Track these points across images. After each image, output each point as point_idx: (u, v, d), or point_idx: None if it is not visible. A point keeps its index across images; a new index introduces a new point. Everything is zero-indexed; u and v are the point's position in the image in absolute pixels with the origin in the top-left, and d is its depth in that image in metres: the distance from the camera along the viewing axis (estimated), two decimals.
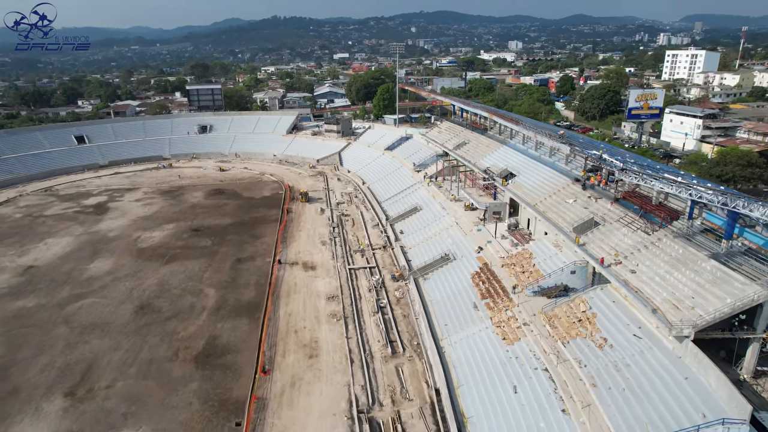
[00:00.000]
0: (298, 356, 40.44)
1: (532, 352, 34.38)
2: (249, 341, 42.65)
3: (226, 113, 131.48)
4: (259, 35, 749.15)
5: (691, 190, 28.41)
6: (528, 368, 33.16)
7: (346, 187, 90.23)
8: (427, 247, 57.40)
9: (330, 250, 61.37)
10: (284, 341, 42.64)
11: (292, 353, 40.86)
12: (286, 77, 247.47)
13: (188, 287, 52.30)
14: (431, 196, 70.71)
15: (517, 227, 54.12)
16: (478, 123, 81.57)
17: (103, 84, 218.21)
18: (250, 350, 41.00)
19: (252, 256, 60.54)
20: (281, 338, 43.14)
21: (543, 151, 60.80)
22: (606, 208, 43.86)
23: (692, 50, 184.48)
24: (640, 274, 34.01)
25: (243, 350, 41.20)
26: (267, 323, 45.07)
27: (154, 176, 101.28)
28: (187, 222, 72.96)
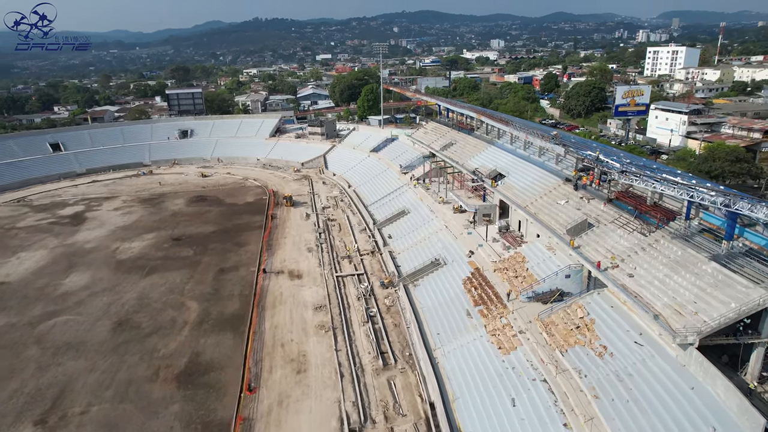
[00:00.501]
0: (285, 372, 38.64)
1: (529, 361, 33.04)
2: (233, 357, 40.71)
3: (207, 117, 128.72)
4: (240, 37, 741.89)
5: (693, 193, 27.20)
6: (526, 379, 31.81)
7: (331, 190, 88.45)
8: (416, 252, 55.93)
9: (316, 257, 59.58)
10: (270, 356, 40.79)
11: (279, 369, 39.04)
12: (268, 79, 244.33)
13: (169, 300, 50.13)
14: (419, 198, 69.29)
15: (508, 229, 52.90)
16: (464, 123, 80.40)
17: (80, 89, 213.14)
18: (234, 367, 39.08)
19: (236, 265, 58.49)
20: (267, 353, 41.28)
21: (532, 151, 59.70)
22: (599, 209, 42.77)
23: (673, 46, 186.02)
24: (639, 277, 32.86)
25: (227, 367, 39.27)
26: (252, 337, 43.19)
27: (134, 184, 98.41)
28: (168, 231, 70.57)
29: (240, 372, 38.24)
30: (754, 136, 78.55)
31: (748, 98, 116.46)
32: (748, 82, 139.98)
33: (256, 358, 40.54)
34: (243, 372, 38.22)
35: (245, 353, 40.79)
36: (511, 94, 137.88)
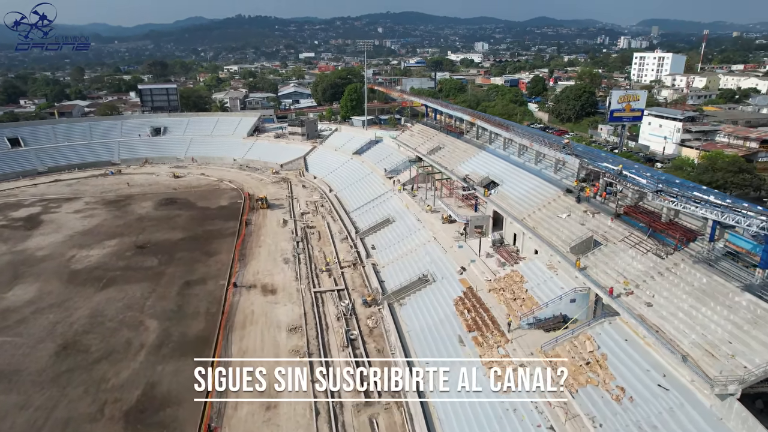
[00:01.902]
0: (253, 407, 33.72)
1: (533, 403, 28.78)
2: (194, 389, 35.56)
3: (182, 114, 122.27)
4: (222, 34, 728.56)
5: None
6: (530, 425, 27.58)
7: (311, 195, 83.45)
8: (402, 266, 51.39)
9: (293, 270, 54.63)
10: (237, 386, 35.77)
11: (246, 404, 34.10)
12: (249, 76, 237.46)
13: (126, 319, 44.68)
14: (405, 206, 64.80)
15: (502, 243, 48.72)
16: (453, 126, 76.21)
17: (50, 82, 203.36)
18: (194, 401, 34.01)
19: (203, 278, 53.20)
20: (234, 381, 36.24)
21: (527, 158, 55.69)
22: (606, 224, 38.82)
23: (659, 53, 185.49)
24: (659, 307, 28.85)
25: (186, 401, 34.11)
26: (217, 364, 38.12)
27: (100, 184, 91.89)
28: (132, 237, 64.79)
29: (200, 408, 33.21)
30: (750, 146, 76.18)
31: (737, 106, 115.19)
32: (735, 89, 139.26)
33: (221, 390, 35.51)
34: (204, 408, 33.19)
35: None
36: (498, 96, 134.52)
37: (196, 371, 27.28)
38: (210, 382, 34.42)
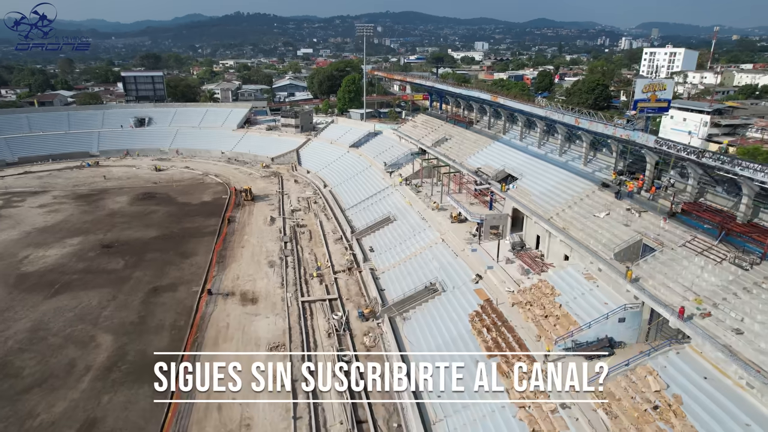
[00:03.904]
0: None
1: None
2: (146, 428, 28.36)
3: (168, 105, 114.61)
4: (221, 31, 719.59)
5: None
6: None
7: (304, 190, 76.10)
8: (405, 272, 44.16)
9: (279, 274, 47.31)
10: (201, 426, 28.57)
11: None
12: (243, 70, 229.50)
13: (74, 333, 37.33)
14: (407, 203, 57.56)
15: (523, 247, 41.51)
16: (461, 115, 69.00)
17: (35, 72, 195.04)
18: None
19: (174, 283, 45.88)
20: (197, 420, 29.05)
21: (549, 148, 48.60)
22: (658, 225, 31.66)
23: (670, 48, 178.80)
24: (753, 336, 21.72)
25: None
26: (178, 394, 30.81)
27: (74, 176, 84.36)
28: (98, 235, 57.41)
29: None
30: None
31: (759, 102, 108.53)
32: (753, 86, 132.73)
33: (180, 429, 28.30)
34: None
35: (164, 421, 28.52)
36: (505, 90, 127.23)
37: None
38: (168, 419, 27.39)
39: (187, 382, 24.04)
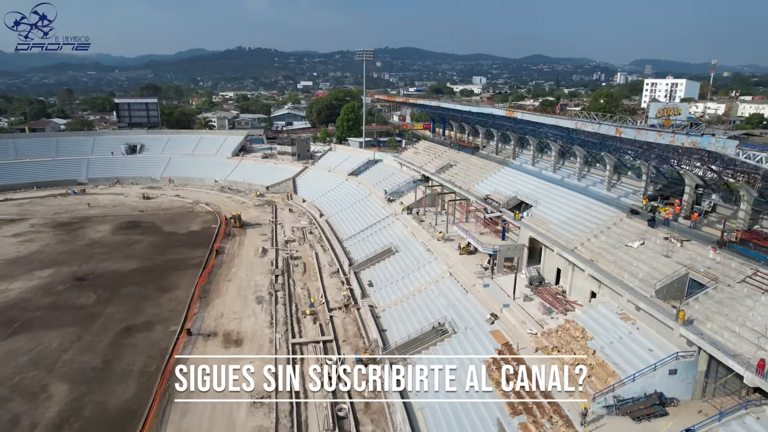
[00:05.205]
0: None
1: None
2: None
3: (161, 131, 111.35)
4: (222, 65, 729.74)
5: None
6: None
7: (299, 220, 71.71)
8: (408, 310, 39.30)
9: (268, 312, 42.39)
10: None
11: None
12: (243, 101, 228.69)
13: (24, 382, 32.18)
14: (410, 232, 53.11)
15: (542, 282, 36.85)
16: (466, 141, 65.37)
17: (32, 101, 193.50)
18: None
19: (150, 321, 40.91)
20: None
21: (566, 173, 44.59)
22: (706, 256, 27.20)
23: (671, 79, 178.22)
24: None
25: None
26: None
27: (57, 204, 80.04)
28: (72, 267, 52.68)
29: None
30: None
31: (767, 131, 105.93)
32: (761, 115, 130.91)
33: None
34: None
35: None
36: None
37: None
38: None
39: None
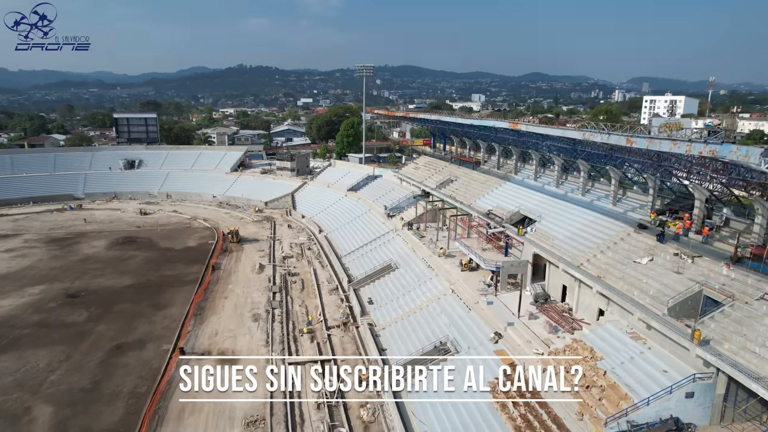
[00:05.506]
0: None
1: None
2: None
3: (160, 147, 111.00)
4: (223, 82, 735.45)
5: None
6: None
7: (297, 236, 70.64)
8: (409, 328, 38.05)
9: (264, 331, 41.10)
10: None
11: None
12: (243, 117, 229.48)
13: (7, 404, 30.79)
14: (410, 249, 52.02)
15: (547, 299, 35.68)
16: (467, 156, 64.70)
17: (33, 117, 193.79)
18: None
19: (142, 339, 39.60)
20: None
21: (569, 187, 43.73)
22: (720, 273, 26.12)
23: (669, 96, 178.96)
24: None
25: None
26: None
27: (52, 220, 79.03)
28: (65, 283, 51.44)
29: None
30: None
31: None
32: (761, 131, 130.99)
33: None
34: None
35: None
36: None
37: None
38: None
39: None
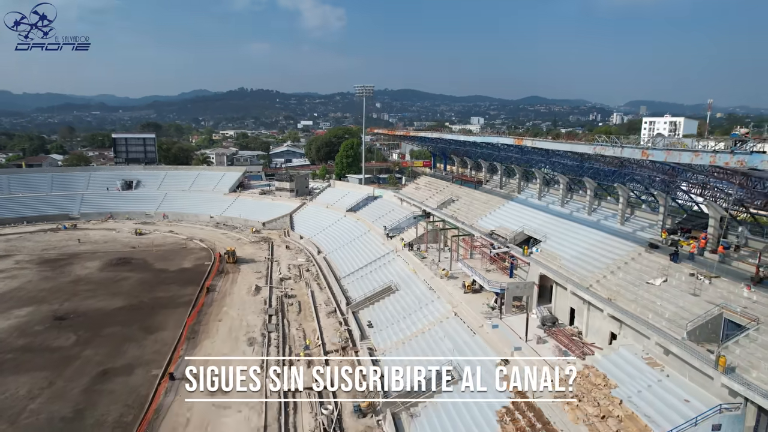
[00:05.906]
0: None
1: None
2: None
3: (158, 167, 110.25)
4: (224, 105, 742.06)
5: None
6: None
7: (296, 257, 69.15)
8: (411, 353, 36.35)
9: (259, 354, 39.34)
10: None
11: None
12: (242, 138, 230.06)
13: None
14: (411, 270, 50.54)
15: (555, 323, 34.11)
16: (468, 175, 63.73)
17: (32, 138, 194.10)
18: None
19: (130, 364, 37.82)
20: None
21: (575, 207, 42.52)
22: (740, 294, 24.72)
23: (669, 117, 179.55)
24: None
25: None
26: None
27: (46, 240, 77.59)
28: (53, 305, 49.76)
29: None
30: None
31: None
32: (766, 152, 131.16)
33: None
34: None
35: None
36: None
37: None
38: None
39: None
